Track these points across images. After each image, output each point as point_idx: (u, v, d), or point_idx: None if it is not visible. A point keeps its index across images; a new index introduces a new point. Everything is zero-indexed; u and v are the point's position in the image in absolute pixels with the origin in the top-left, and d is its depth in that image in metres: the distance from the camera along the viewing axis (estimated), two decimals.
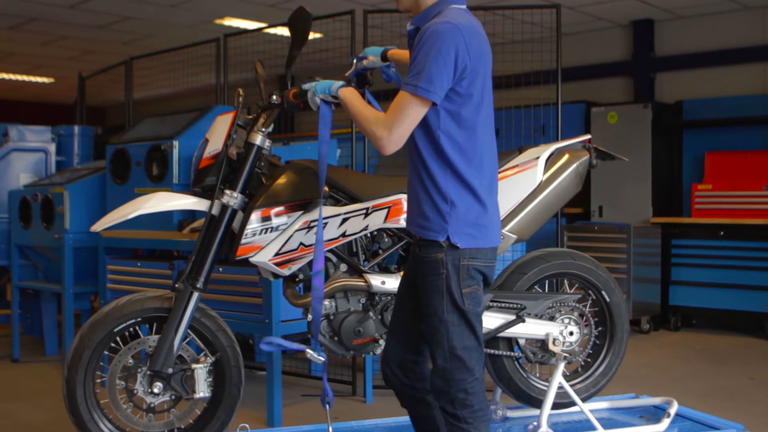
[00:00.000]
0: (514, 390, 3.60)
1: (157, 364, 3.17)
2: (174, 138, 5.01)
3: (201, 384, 3.23)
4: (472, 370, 2.72)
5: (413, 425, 3.08)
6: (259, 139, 3.22)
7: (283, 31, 7.70)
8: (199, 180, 3.27)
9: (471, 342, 2.72)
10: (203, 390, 3.24)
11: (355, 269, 3.33)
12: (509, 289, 3.52)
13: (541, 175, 3.45)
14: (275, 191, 3.20)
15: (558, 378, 3.45)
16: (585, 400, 3.65)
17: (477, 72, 2.67)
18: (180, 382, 3.23)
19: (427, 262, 2.73)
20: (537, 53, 5.52)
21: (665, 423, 3.62)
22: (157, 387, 3.20)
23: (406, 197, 3.11)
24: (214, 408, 3.34)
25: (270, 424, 4.40)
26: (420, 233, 2.74)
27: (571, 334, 3.55)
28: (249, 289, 4.38)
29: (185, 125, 5.14)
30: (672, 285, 8.02)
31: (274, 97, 3.16)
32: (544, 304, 3.52)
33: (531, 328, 3.49)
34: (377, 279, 3.32)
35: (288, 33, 3.08)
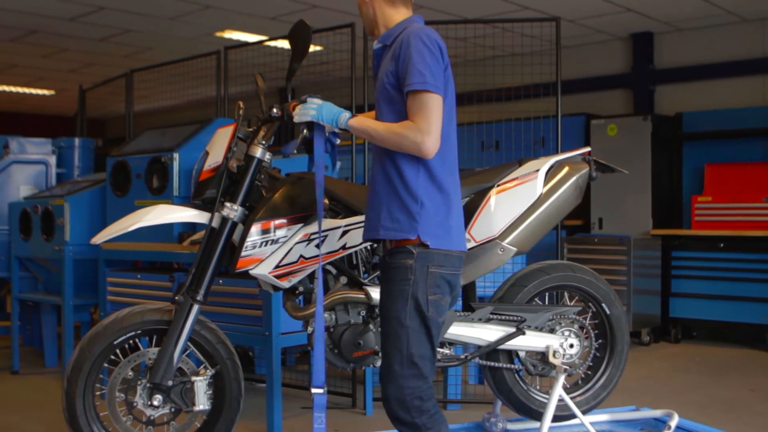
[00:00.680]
0: (514, 402, 3.59)
1: (157, 376, 3.17)
2: (174, 150, 5.02)
3: (201, 396, 3.23)
4: (426, 378, 2.76)
5: None
6: (260, 152, 3.23)
7: (284, 44, 7.71)
8: (200, 192, 3.28)
9: (427, 351, 2.77)
10: (203, 402, 3.24)
11: (355, 282, 3.32)
12: (509, 302, 3.52)
13: (541, 188, 3.45)
14: (275, 204, 3.21)
15: (558, 390, 3.44)
16: (585, 412, 3.65)
17: (449, 77, 2.77)
18: (180, 394, 3.23)
19: (395, 268, 2.77)
20: (537, 66, 5.53)
21: None
22: (157, 399, 3.20)
23: None
24: (213, 420, 3.33)
25: None
26: (389, 235, 2.78)
27: (572, 346, 3.55)
28: (249, 302, 4.37)
29: (185, 138, 5.15)
30: (672, 297, 8.01)
31: (274, 110, 3.18)
32: (544, 316, 3.52)
33: (531, 340, 3.49)
34: (377, 291, 3.30)
35: (288, 46, 3.09)
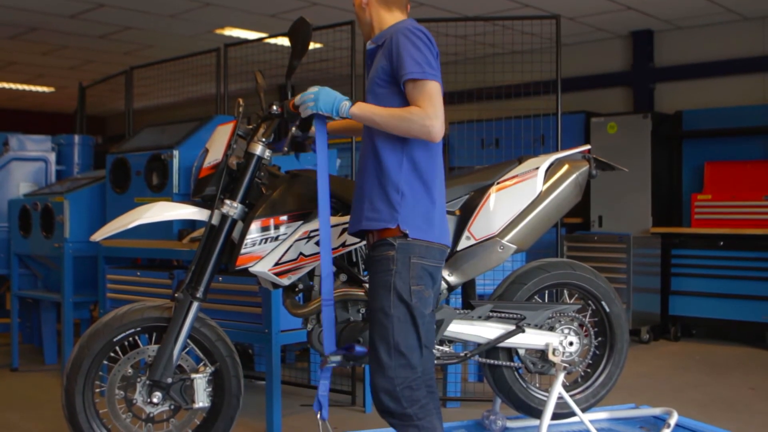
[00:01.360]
0: (513, 400, 3.59)
1: (157, 373, 3.17)
2: (174, 148, 5.02)
3: (200, 394, 3.23)
4: (415, 368, 2.77)
5: None
6: (259, 149, 3.22)
7: (284, 42, 7.71)
8: (199, 190, 3.27)
9: (414, 341, 2.77)
10: (202, 400, 3.24)
11: (355, 279, 3.32)
12: (509, 300, 3.52)
13: (541, 186, 3.45)
14: (275, 201, 3.20)
15: (558, 388, 3.45)
16: (585, 410, 3.65)
17: (439, 67, 2.80)
18: (179, 391, 3.23)
19: (378, 260, 2.80)
20: (537, 64, 5.52)
21: None
22: (156, 397, 3.20)
23: None
24: (213, 418, 3.33)
25: None
26: (371, 225, 2.81)
27: (571, 344, 3.55)
28: (249, 299, 4.37)
29: (185, 135, 5.14)
30: (672, 295, 8.01)
31: (274, 107, 3.18)
32: (543, 314, 3.52)
33: (531, 338, 3.49)
34: None
35: (288, 43, 3.09)
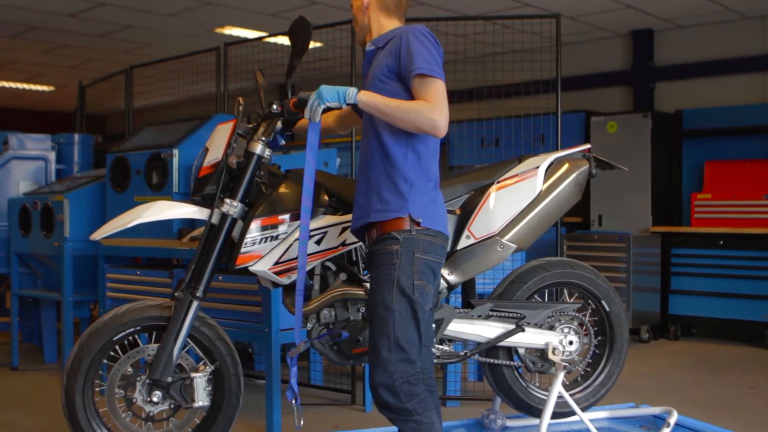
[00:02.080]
0: (513, 399, 3.59)
1: (156, 372, 3.17)
2: (174, 146, 5.02)
3: (200, 393, 3.23)
4: (414, 363, 2.77)
5: None
6: (259, 148, 3.22)
7: (284, 41, 7.71)
8: (199, 189, 3.27)
9: (414, 336, 2.78)
10: (202, 399, 3.24)
11: (355, 278, 3.32)
12: (509, 299, 3.52)
13: (541, 185, 3.45)
14: (275, 200, 3.20)
15: (557, 387, 3.44)
16: (585, 409, 3.65)
17: None
18: (179, 390, 3.23)
19: (382, 254, 2.81)
20: (537, 62, 5.53)
21: None
22: (156, 396, 3.20)
23: None
24: (213, 417, 3.33)
25: None
26: (380, 217, 2.82)
27: (571, 343, 3.55)
28: (248, 298, 4.37)
29: (185, 134, 5.14)
30: (672, 294, 8.01)
31: (274, 106, 3.18)
32: (543, 313, 3.52)
33: (530, 337, 3.48)
34: None
35: (288, 42, 3.09)
